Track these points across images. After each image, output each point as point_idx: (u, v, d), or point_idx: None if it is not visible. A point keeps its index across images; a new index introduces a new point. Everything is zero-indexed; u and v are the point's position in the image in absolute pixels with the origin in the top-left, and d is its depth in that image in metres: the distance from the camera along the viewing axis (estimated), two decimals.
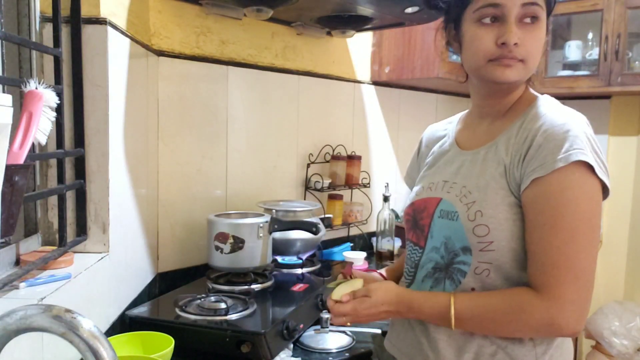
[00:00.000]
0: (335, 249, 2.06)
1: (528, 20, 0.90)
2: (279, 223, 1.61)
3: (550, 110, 0.91)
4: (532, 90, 1.00)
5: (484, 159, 0.96)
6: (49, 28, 1.11)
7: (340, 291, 1.02)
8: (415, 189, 1.10)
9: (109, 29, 1.15)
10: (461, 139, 1.06)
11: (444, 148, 1.09)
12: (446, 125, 1.14)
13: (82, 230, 1.17)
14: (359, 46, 2.26)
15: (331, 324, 1.02)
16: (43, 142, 0.88)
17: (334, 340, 1.37)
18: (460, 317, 0.90)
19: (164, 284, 1.61)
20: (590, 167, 0.84)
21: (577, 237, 0.83)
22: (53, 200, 1.14)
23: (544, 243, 0.85)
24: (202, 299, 1.36)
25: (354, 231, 2.30)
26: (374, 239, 2.26)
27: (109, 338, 0.81)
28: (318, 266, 1.79)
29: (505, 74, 0.91)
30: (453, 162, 1.02)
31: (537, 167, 0.86)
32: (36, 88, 0.86)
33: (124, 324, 1.28)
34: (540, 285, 0.85)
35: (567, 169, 0.83)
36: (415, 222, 1.04)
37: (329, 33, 2.01)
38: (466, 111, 1.13)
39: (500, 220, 0.89)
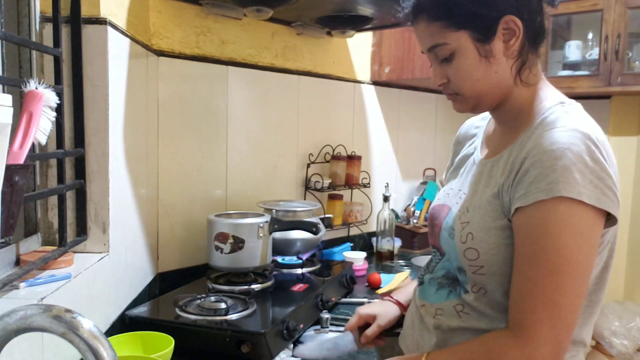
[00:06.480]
0: (335, 249, 2.06)
1: (444, 59, 0.92)
2: (279, 223, 1.61)
3: (549, 129, 0.83)
4: (553, 94, 0.92)
5: (489, 174, 0.93)
6: (49, 28, 1.11)
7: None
8: (439, 192, 1.08)
9: (109, 29, 1.15)
10: (485, 143, 1.03)
11: (469, 151, 1.06)
12: (479, 122, 1.10)
13: (82, 230, 1.17)
14: (359, 46, 2.26)
15: None
16: (43, 142, 0.88)
17: None
18: None
19: (164, 284, 1.61)
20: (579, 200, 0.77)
21: (558, 274, 0.78)
22: (53, 200, 1.14)
23: (523, 276, 0.81)
24: (202, 299, 1.36)
25: (354, 231, 2.30)
26: (374, 239, 2.27)
27: (109, 338, 0.80)
28: (318, 266, 1.79)
29: (455, 107, 0.97)
30: (471, 169, 1.00)
31: (522, 195, 0.81)
32: (36, 88, 0.86)
33: (124, 324, 1.28)
34: (517, 323, 0.81)
35: (550, 202, 0.78)
36: (432, 227, 1.03)
37: (329, 33, 2.01)
38: None
39: (490, 245, 0.86)
